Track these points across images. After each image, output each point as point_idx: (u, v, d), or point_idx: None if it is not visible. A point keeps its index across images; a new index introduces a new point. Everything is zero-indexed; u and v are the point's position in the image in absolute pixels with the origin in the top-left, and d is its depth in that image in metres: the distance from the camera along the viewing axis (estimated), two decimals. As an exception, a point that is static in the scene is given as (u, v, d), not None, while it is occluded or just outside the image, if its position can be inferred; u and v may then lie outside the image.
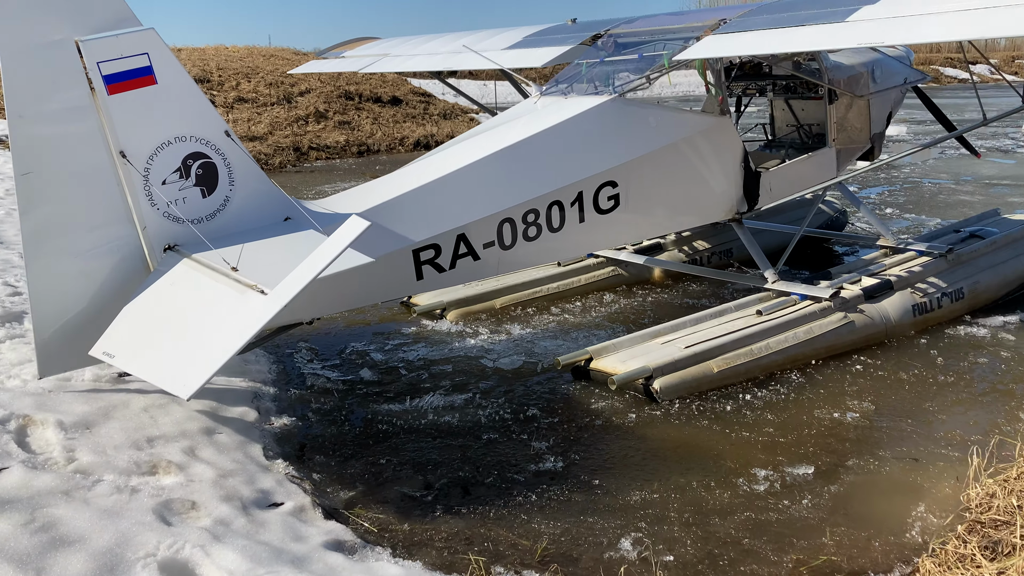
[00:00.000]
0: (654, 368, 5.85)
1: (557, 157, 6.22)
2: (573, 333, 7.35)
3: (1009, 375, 6.23)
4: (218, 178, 4.95)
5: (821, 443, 5.27)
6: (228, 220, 4.99)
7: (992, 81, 44.00)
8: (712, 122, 7.12)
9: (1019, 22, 4.84)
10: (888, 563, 4.07)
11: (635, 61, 7.05)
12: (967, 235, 8.15)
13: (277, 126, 21.67)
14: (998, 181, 15.06)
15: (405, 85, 27.70)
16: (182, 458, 4.66)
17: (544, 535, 4.34)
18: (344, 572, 3.78)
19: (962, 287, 7.39)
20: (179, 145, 4.79)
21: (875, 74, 8.33)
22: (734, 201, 7.45)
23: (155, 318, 4.57)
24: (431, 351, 6.96)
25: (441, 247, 5.66)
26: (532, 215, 6.04)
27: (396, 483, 4.91)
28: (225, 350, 4.16)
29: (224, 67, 25.39)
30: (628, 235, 7.16)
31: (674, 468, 5.01)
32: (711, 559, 4.13)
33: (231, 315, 4.34)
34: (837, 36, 5.69)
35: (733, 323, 6.55)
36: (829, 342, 6.57)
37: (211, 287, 4.55)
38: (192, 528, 3.98)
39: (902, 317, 6.99)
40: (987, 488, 4.34)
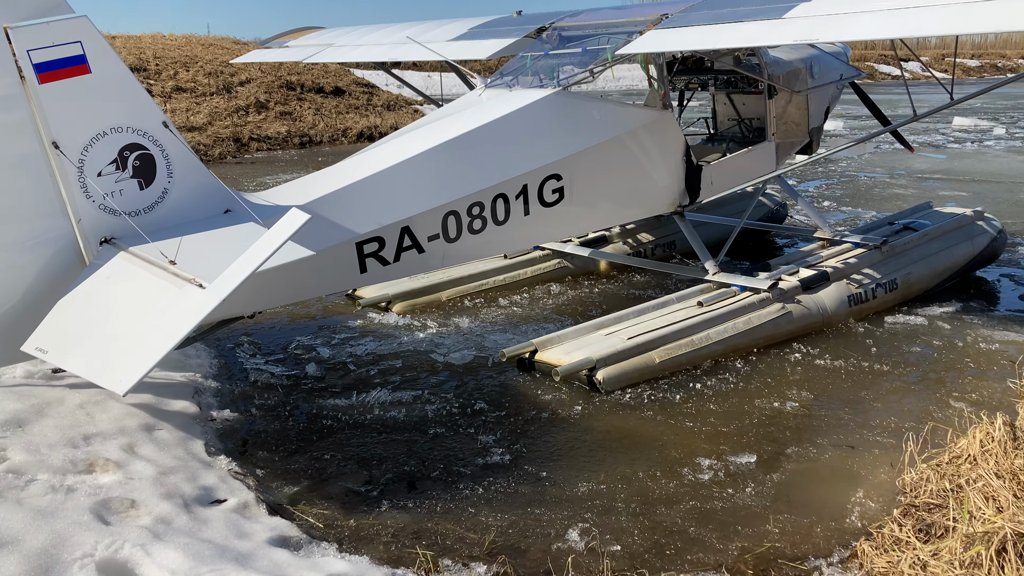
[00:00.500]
0: (597, 359, 5.90)
1: (502, 150, 6.22)
2: (521, 326, 7.36)
3: (941, 363, 6.43)
4: (156, 170, 4.84)
5: (763, 432, 5.37)
6: (167, 213, 4.88)
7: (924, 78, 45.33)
8: (654, 116, 7.19)
9: (945, 22, 4.99)
10: (828, 548, 4.16)
11: (579, 55, 7.09)
12: (900, 227, 8.38)
13: (217, 116, 21.24)
14: (930, 175, 15.51)
15: (348, 76, 27.38)
16: (120, 455, 4.54)
17: (492, 528, 4.34)
18: (290, 568, 3.73)
19: (896, 278, 7.61)
20: (115, 136, 4.68)
21: (813, 70, 8.51)
22: (676, 194, 7.55)
23: (90, 313, 4.46)
24: (379, 345, 6.90)
25: (385, 240, 5.61)
26: (477, 208, 6.03)
27: (342, 478, 4.86)
28: (162, 345, 4.07)
29: (161, 56, 24.78)
30: (573, 228, 7.21)
31: (620, 459, 5.06)
32: (658, 548, 4.18)
33: (169, 309, 4.25)
34: (774, 33, 5.78)
35: (675, 314, 6.65)
36: (767, 332, 6.71)
37: (148, 281, 4.45)
38: (131, 527, 3.88)
39: (838, 307, 7.17)
40: (921, 473, 4.47)
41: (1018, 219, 11.28)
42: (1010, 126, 23.44)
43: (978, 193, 13.45)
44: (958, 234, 8.35)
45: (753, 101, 8.71)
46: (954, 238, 8.30)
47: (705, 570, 4.00)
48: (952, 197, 13.02)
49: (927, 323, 7.27)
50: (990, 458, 4.26)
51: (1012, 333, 6.98)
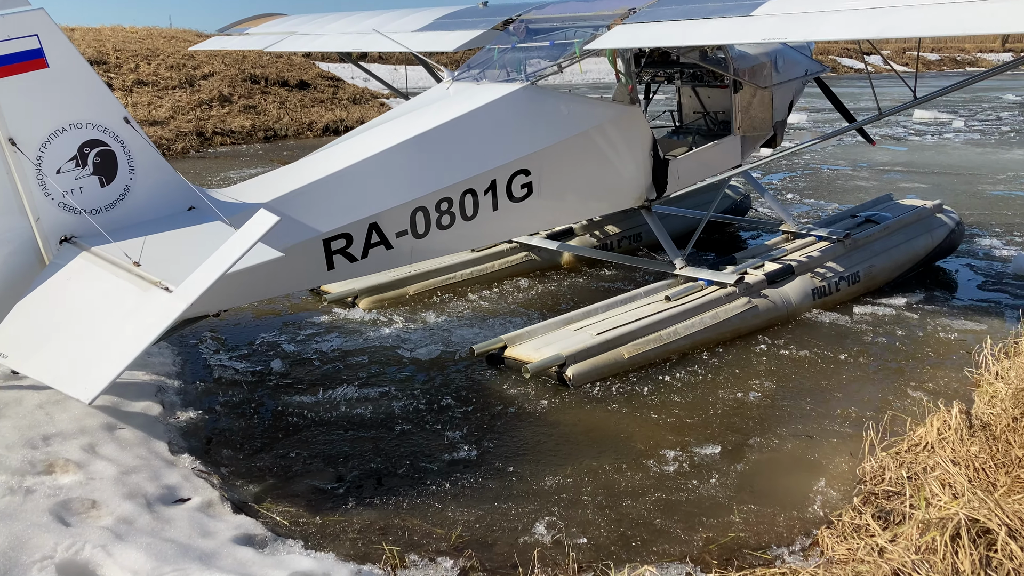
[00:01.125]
0: (567, 356, 5.91)
1: (470, 145, 6.20)
2: (489, 320, 7.36)
3: (901, 353, 6.53)
4: (117, 167, 4.75)
5: (727, 423, 5.42)
6: (129, 210, 4.79)
7: (885, 71, 45.92)
8: (622, 110, 7.21)
9: (913, 24, 5.04)
10: (791, 536, 4.22)
11: (547, 48, 7.08)
12: (862, 220, 8.50)
13: (179, 110, 20.95)
14: (891, 167, 15.74)
15: (313, 69, 27.15)
16: (81, 456, 4.48)
17: (458, 522, 4.35)
18: (255, 566, 3.71)
19: (858, 271, 7.71)
20: (74, 132, 4.57)
21: (778, 64, 8.58)
22: (643, 188, 7.59)
23: (51, 315, 4.34)
24: (345, 341, 6.87)
25: (353, 236, 5.57)
26: (445, 203, 6.00)
27: (308, 475, 4.84)
28: (129, 351, 3.97)
29: (122, 48, 24.38)
30: (541, 222, 7.21)
31: (586, 452, 5.09)
32: (623, 540, 4.22)
33: (134, 313, 4.15)
34: (742, 31, 5.82)
35: (643, 309, 6.69)
36: (734, 326, 6.78)
37: (112, 283, 4.35)
38: (92, 528, 3.84)
39: (802, 301, 7.27)
40: (880, 461, 4.55)
41: (976, 210, 11.50)
42: (968, 119, 23.85)
43: (938, 185, 13.68)
44: (918, 226, 8.48)
45: (719, 95, 8.76)
46: (914, 230, 8.43)
47: (671, 561, 4.04)
48: (913, 189, 13.23)
49: (889, 313, 7.39)
50: (947, 446, 4.35)
51: (970, 323, 7.12)
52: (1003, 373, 5.38)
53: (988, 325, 7.03)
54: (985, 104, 28.25)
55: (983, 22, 4.77)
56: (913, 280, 8.24)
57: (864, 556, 3.47)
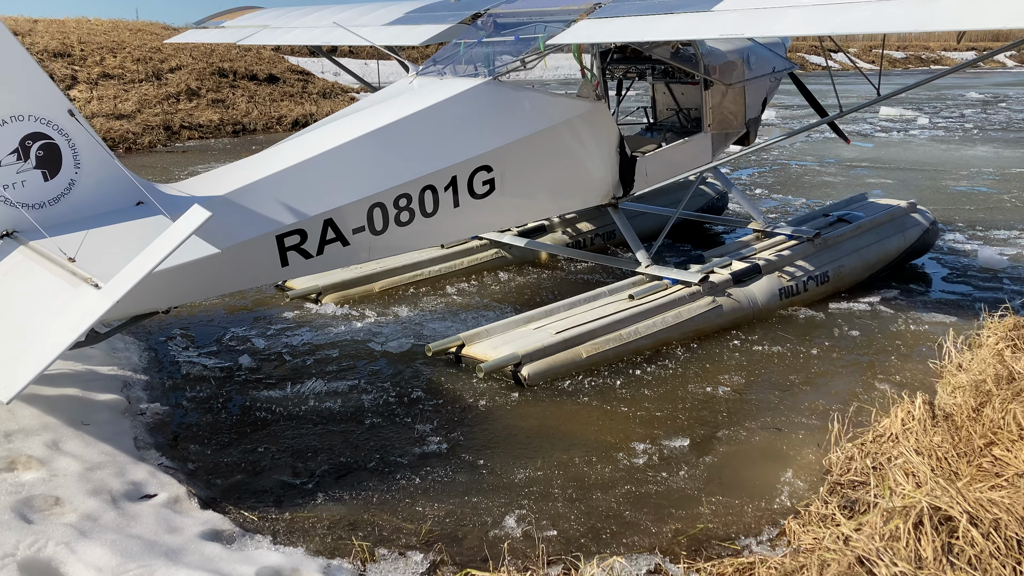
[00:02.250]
0: (523, 355, 5.85)
1: (430, 140, 6.11)
2: (460, 314, 7.35)
3: (870, 347, 6.62)
4: (62, 160, 4.61)
5: (696, 416, 5.46)
6: (73, 205, 4.66)
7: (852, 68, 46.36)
8: (587, 107, 7.14)
9: (869, 21, 5.07)
10: (759, 527, 4.27)
11: (511, 43, 7.03)
12: (835, 219, 8.49)
13: (146, 104, 20.67)
14: (858, 163, 15.94)
15: (282, 63, 26.91)
16: (44, 452, 4.42)
17: (428, 516, 4.34)
18: (222, 562, 3.68)
19: (827, 271, 7.67)
20: (15, 125, 4.43)
21: (750, 61, 8.58)
22: (610, 186, 7.55)
23: None
24: (315, 336, 6.82)
25: (307, 233, 5.46)
26: (404, 200, 5.91)
27: (276, 471, 4.80)
28: (51, 349, 3.85)
29: (87, 41, 23.99)
30: (504, 220, 7.14)
31: (557, 445, 5.10)
32: (594, 532, 4.23)
33: (62, 310, 4.05)
34: (702, 26, 5.80)
35: (605, 308, 6.63)
36: (697, 326, 6.74)
37: (45, 279, 4.24)
38: (56, 525, 3.78)
39: (769, 300, 7.24)
40: (846, 452, 4.61)
41: (940, 205, 11.67)
42: (933, 116, 24.22)
43: (903, 181, 13.87)
44: (890, 226, 8.48)
45: (692, 91, 8.73)
46: (887, 230, 8.42)
47: (640, 552, 4.07)
48: (879, 185, 13.41)
49: (860, 307, 7.47)
50: (910, 436, 4.42)
51: (937, 315, 7.23)
52: (965, 364, 5.46)
53: (953, 318, 7.14)
54: (949, 101, 28.70)
55: (937, 19, 4.82)
56: (887, 274, 8.31)
57: (830, 544, 3.51)
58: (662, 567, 3.91)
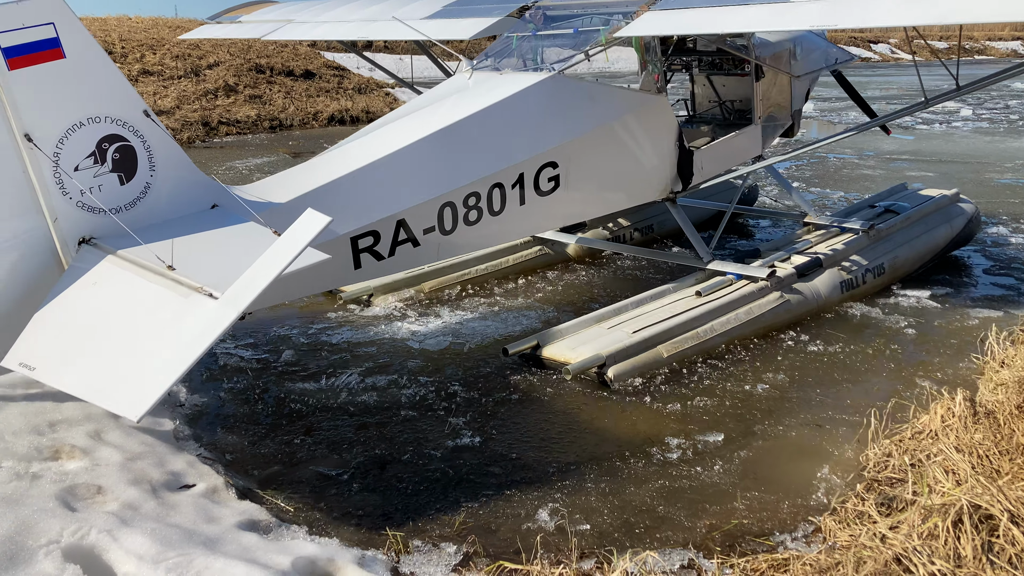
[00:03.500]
0: (607, 356, 5.80)
1: (498, 137, 6.00)
2: (512, 315, 7.28)
3: (912, 343, 6.49)
4: (137, 163, 4.47)
5: (734, 413, 5.42)
6: (150, 209, 4.51)
7: (892, 60, 45.68)
8: (649, 100, 6.98)
9: (973, 8, 4.83)
10: (794, 523, 4.23)
11: (571, 36, 6.86)
12: (882, 210, 8.35)
13: (185, 100, 20.96)
14: (898, 156, 15.67)
15: (318, 59, 27.12)
16: (87, 442, 4.51)
17: (462, 509, 4.36)
18: (259, 552, 3.73)
19: (883, 262, 7.58)
20: (93, 127, 4.30)
21: (798, 51, 8.37)
22: (669, 180, 7.39)
23: (80, 324, 4.03)
24: (355, 334, 6.82)
25: (380, 234, 5.35)
26: (473, 198, 5.81)
27: (312, 462, 4.86)
28: (177, 364, 3.65)
29: (128, 38, 24.39)
30: (567, 216, 6.92)
31: (590, 439, 5.09)
32: (627, 527, 4.22)
33: (178, 322, 3.84)
34: (783, 17, 5.54)
35: (675, 305, 6.55)
36: (768, 322, 6.65)
37: (146, 289, 4.04)
38: (98, 513, 3.86)
39: (831, 294, 7.12)
40: (884, 448, 4.55)
41: (983, 198, 11.42)
42: (977, 107, 23.73)
43: (945, 173, 13.62)
44: (938, 216, 8.36)
45: (735, 83, 8.51)
46: (934, 220, 8.31)
47: (673, 547, 4.05)
48: (919, 178, 13.17)
49: (905, 302, 7.34)
50: (950, 433, 4.35)
51: (981, 311, 7.08)
52: (1008, 361, 5.37)
53: (997, 312, 7.00)
54: (993, 92, 28.08)
55: None
56: (930, 268, 8.18)
57: (866, 542, 3.47)
58: (695, 562, 3.90)
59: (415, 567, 3.87)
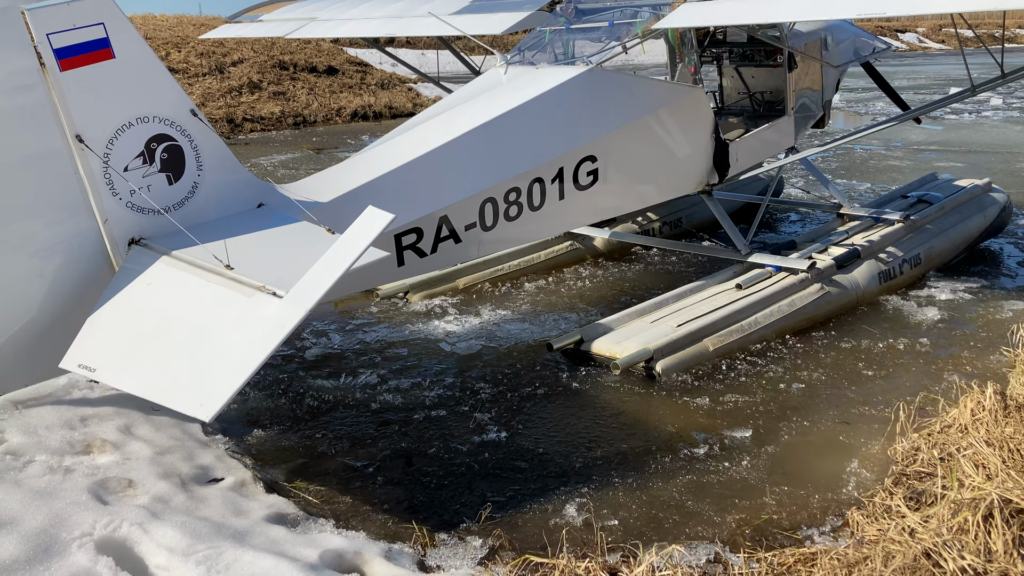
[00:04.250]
0: (654, 350, 5.79)
1: (537, 131, 5.97)
2: (551, 311, 7.22)
3: (943, 336, 6.40)
4: (185, 162, 4.46)
5: (762, 408, 5.38)
6: (198, 208, 4.50)
7: (920, 49, 45.08)
8: (686, 92, 6.93)
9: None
10: (822, 518, 4.20)
11: (606, 29, 6.79)
12: (915, 200, 8.26)
13: (210, 97, 21.14)
14: (926, 147, 15.48)
15: (341, 55, 27.23)
16: (118, 436, 4.57)
17: (488, 502, 4.37)
18: (287, 545, 3.76)
19: (919, 253, 7.53)
20: (141, 127, 4.29)
21: (830, 41, 8.24)
22: (705, 172, 7.33)
23: (139, 325, 3.98)
24: (389, 331, 6.79)
25: (423, 231, 5.34)
26: (514, 193, 5.78)
27: (339, 456, 4.89)
28: (247, 363, 3.62)
29: (153, 36, 24.62)
30: (605, 210, 6.82)
31: (616, 435, 5.09)
32: (655, 522, 4.22)
33: (244, 321, 3.80)
34: (828, 5, 5.42)
35: (717, 298, 6.53)
36: (809, 313, 6.61)
37: (205, 288, 4.00)
38: (129, 506, 3.92)
39: (869, 285, 7.06)
40: (912, 442, 4.51)
41: (1015, 189, 11.24)
42: (1007, 96, 23.36)
43: (974, 164, 13.43)
44: (971, 205, 8.29)
45: (764, 74, 8.41)
46: (968, 209, 8.23)
47: (700, 541, 4.04)
48: (949, 168, 13.00)
49: (935, 295, 7.25)
50: (980, 427, 4.29)
51: (1015, 302, 6.99)
52: (1040, 353, 5.29)
53: (1026, 305, 6.91)
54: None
55: None
56: (966, 262, 8.08)
57: (895, 536, 3.44)
58: (722, 556, 3.89)
59: (441, 560, 3.89)
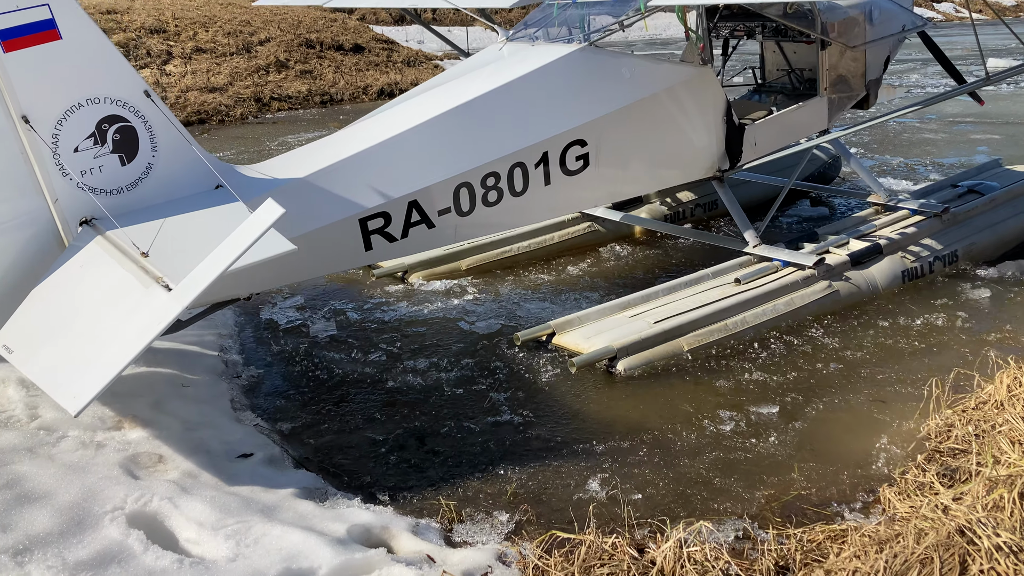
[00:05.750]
0: (618, 348, 5.51)
1: (520, 113, 5.72)
2: (549, 298, 7.09)
3: (989, 315, 6.23)
4: (138, 143, 4.43)
5: (791, 384, 5.31)
6: (151, 190, 4.46)
7: (956, 19, 44.12)
8: (692, 72, 6.58)
9: None
10: (853, 494, 4.15)
11: (608, 5, 6.52)
12: (965, 191, 7.67)
13: (237, 77, 21.18)
14: (962, 119, 15.14)
15: (367, 32, 27.16)
16: (149, 412, 4.63)
17: (513, 479, 4.38)
18: (315, 519, 3.79)
19: (956, 249, 6.99)
20: (91, 108, 4.26)
21: (873, 16, 7.68)
22: (715, 158, 6.93)
23: (58, 308, 4.04)
24: (409, 311, 6.74)
25: (391, 215, 5.20)
26: (492, 179, 5.57)
27: (365, 433, 4.91)
28: (119, 359, 3.64)
29: (180, 17, 24.69)
30: (597, 197, 6.62)
31: (641, 412, 5.06)
32: (683, 498, 4.19)
33: (132, 313, 3.82)
34: None
35: (709, 294, 6.17)
36: (810, 312, 6.22)
37: (117, 276, 4.02)
38: (160, 481, 3.96)
39: (890, 283, 6.64)
40: (946, 419, 4.43)
41: (1052, 162, 11.00)
42: (1046, 67, 22.76)
43: (1011, 136, 13.13)
44: None
45: (805, 50, 7.90)
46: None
47: (728, 517, 4.02)
48: (985, 141, 12.73)
49: (975, 272, 6.98)
50: (1017, 403, 4.21)
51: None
52: (1079, 329, 5.16)
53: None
54: (1064, 51, 26.92)
55: None
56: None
57: (927, 513, 3.39)
58: (750, 532, 3.86)
59: (468, 535, 3.90)
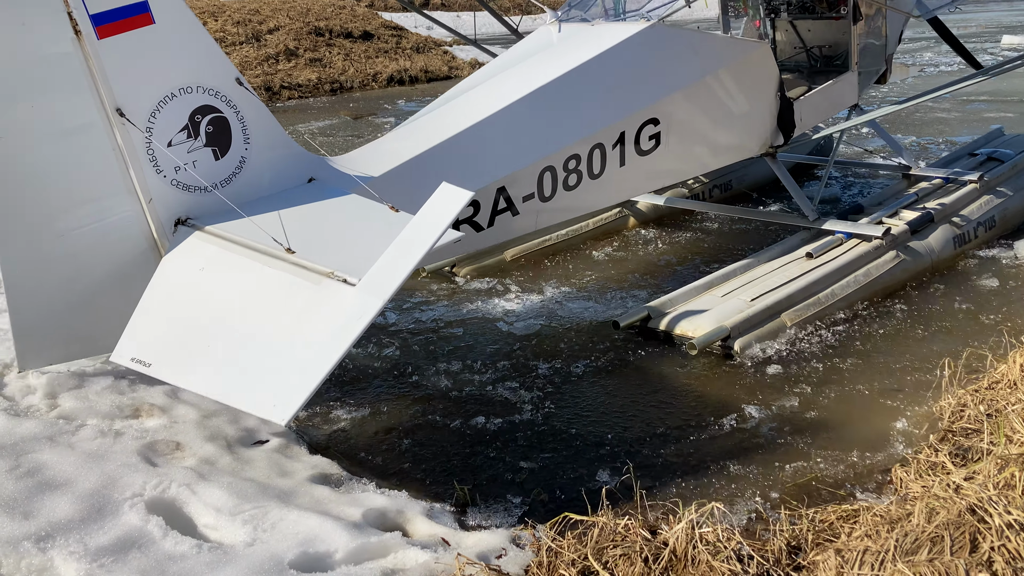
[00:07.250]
0: (731, 327, 5.49)
1: (597, 94, 5.63)
2: (605, 283, 6.97)
3: (1007, 297, 6.21)
4: (231, 135, 4.15)
5: (809, 373, 5.28)
6: (246, 185, 4.19)
7: None
8: (752, 48, 6.59)
9: None
10: (864, 475, 4.17)
11: None
12: (984, 158, 7.83)
13: (247, 66, 21.20)
14: (975, 97, 15.00)
15: (376, 19, 27.10)
16: (165, 401, 4.68)
17: (526, 464, 4.41)
18: (331, 504, 3.83)
19: (994, 215, 7.18)
20: (185, 98, 3.96)
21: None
22: (769, 133, 6.91)
23: (196, 314, 3.76)
24: (444, 305, 6.64)
25: (480, 204, 5.02)
26: (573, 161, 5.48)
27: (380, 418, 4.95)
28: (322, 361, 3.37)
29: (190, 6, 24.69)
30: (665, 177, 6.47)
31: (657, 400, 5.07)
32: (698, 485, 4.20)
33: (313, 312, 3.54)
34: None
35: (788, 269, 6.17)
36: (885, 283, 6.26)
37: (266, 275, 3.74)
38: (177, 468, 4.01)
39: (944, 250, 6.70)
40: (959, 399, 4.43)
41: (1068, 140, 10.88)
42: (1062, 43, 22.48)
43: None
44: None
45: (822, 27, 7.94)
46: None
47: (741, 499, 4.04)
48: (999, 119, 12.61)
49: (998, 255, 6.99)
50: (1030, 382, 4.21)
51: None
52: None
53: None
54: (1080, 27, 26.60)
55: None
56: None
57: (939, 492, 3.40)
58: (763, 513, 3.88)
59: (481, 519, 3.94)
